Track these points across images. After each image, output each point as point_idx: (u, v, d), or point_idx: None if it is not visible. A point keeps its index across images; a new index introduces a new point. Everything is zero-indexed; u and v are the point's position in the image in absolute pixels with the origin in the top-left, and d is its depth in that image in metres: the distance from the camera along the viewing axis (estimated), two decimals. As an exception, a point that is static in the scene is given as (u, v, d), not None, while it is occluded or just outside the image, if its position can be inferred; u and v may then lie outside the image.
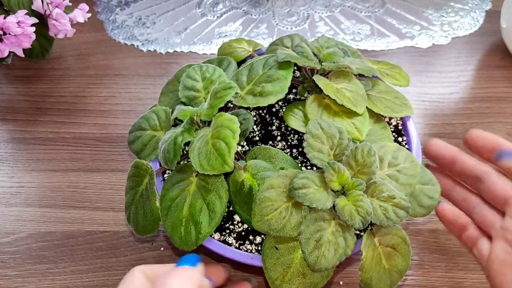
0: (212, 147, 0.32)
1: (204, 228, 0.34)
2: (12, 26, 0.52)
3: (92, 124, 0.56)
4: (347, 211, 0.32)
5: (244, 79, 0.39)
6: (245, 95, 0.38)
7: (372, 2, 0.70)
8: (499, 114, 0.55)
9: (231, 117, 0.33)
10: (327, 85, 0.37)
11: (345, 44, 0.45)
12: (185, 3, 0.72)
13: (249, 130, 0.38)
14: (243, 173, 0.35)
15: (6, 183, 0.51)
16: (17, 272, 0.45)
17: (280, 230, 0.33)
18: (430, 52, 0.63)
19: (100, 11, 0.71)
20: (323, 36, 0.43)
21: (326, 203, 0.33)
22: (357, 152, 0.34)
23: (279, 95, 0.37)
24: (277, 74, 0.38)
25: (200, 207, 0.34)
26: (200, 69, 0.41)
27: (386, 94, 0.41)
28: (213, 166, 0.32)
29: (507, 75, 0.59)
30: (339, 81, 0.39)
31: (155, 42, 0.66)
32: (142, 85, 0.60)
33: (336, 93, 0.37)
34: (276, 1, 0.71)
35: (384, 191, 0.33)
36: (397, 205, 0.33)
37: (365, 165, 0.34)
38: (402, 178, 0.35)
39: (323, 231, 0.33)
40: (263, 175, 0.35)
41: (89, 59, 0.64)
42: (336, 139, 0.35)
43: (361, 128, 0.37)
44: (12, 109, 0.58)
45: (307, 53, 0.40)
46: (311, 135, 0.35)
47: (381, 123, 0.40)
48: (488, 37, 0.64)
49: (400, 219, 0.32)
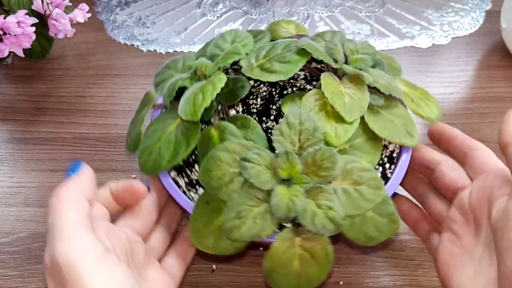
0: (193, 96, 0.36)
1: (164, 161, 0.37)
2: (12, 26, 0.52)
3: (92, 124, 0.56)
4: (279, 199, 0.32)
5: (263, 53, 0.40)
6: (255, 67, 0.39)
7: (372, 2, 0.70)
8: (499, 114, 0.55)
9: (221, 78, 0.36)
10: (328, 84, 0.37)
11: (387, 56, 0.43)
12: (185, 3, 0.72)
13: (240, 97, 0.39)
14: (214, 130, 0.37)
15: (6, 183, 0.51)
16: (17, 272, 0.45)
17: (216, 189, 0.34)
18: (430, 52, 0.63)
19: (100, 11, 0.71)
20: (365, 42, 0.41)
21: (265, 185, 0.33)
22: (318, 153, 0.33)
23: (281, 77, 0.37)
24: (290, 57, 0.38)
25: (168, 143, 0.37)
26: (235, 34, 0.43)
27: (397, 118, 0.39)
28: (186, 112, 0.35)
29: (507, 75, 0.59)
30: (348, 86, 0.38)
31: (155, 42, 0.66)
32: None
33: (334, 94, 0.37)
34: (276, 1, 0.71)
35: (325, 199, 0.33)
36: (330, 217, 0.32)
37: (321, 168, 0.33)
38: (356, 198, 0.34)
39: (250, 207, 0.33)
40: (228, 138, 0.36)
41: (89, 59, 0.64)
42: (307, 134, 0.35)
43: (341, 135, 0.36)
44: (12, 109, 0.58)
45: (335, 51, 0.39)
46: (286, 121, 0.35)
47: (375, 143, 0.38)
48: (488, 37, 0.64)
49: (326, 230, 0.32)
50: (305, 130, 0.35)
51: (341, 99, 0.37)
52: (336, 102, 0.36)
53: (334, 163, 0.33)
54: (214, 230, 0.35)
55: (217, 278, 0.43)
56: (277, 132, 0.35)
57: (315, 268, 0.33)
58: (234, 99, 0.39)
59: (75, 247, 0.28)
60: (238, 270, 0.44)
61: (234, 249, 0.35)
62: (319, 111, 0.37)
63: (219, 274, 0.44)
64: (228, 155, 0.35)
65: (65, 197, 0.31)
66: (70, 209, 0.30)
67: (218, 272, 0.44)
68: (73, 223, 0.29)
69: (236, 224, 0.33)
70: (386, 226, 0.34)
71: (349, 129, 0.36)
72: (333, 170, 0.33)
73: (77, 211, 0.30)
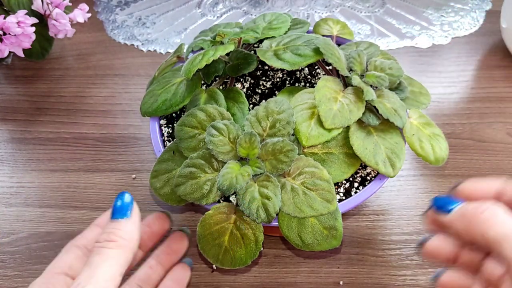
0: (195, 57, 0.38)
1: (157, 107, 0.40)
2: (12, 26, 0.52)
3: (92, 124, 0.56)
4: (226, 172, 0.34)
5: (285, 41, 0.41)
6: (270, 50, 0.40)
7: (372, 2, 0.70)
8: (499, 114, 0.55)
9: (226, 47, 0.37)
10: (324, 87, 0.37)
11: (414, 82, 0.42)
12: (185, 3, 0.72)
13: (243, 71, 0.41)
14: (204, 93, 0.40)
15: (6, 183, 0.51)
16: (17, 272, 0.45)
17: (180, 142, 0.37)
18: (430, 52, 0.63)
19: (100, 11, 0.71)
20: (394, 63, 0.39)
21: (221, 155, 0.35)
22: (279, 144, 0.34)
23: (286, 66, 0.38)
24: (304, 51, 0.39)
25: (167, 93, 0.41)
26: (276, 16, 0.45)
27: (385, 143, 0.36)
28: (183, 69, 0.38)
29: (507, 75, 0.59)
30: (348, 96, 0.37)
31: (155, 42, 0.66)
32: (142, 85, 0.60)
33: (325, 98, 0.36)
34: (276, 1, 0.71)
35: (268, 188, 0.34)
36: (265, 206, 0.33)
37: (277, 159, 0.34)
38: (301, 201, 0.34)
39: (199, 171, 0.35)
40: (211, 103, 0.39)
41: (89, 59, 0.64)
42: (280, 125, 0.35)
43: (312, 137, 0.35)
44: (12, 109, 0.58)
45: (355, 61, 0.38)
46: (265, 106, 0.36)
47: (352, 160, 0.37)
48: (488, 37, 0.64)
49: (257, 217, 0.33)
50: (279, 120, 0.36)
51: (329, 104, 0.36)
52: (322, 106, 0.36)
53: (291, 158, 0.34)
54: (168, 178, 0.38)
55: (217, 278, 0.43)
56: (253, 112, 0.36)
57: (242, 250, 0.35)
58: (237, 72, 0.41)
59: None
60: (238, 270, 0.44)
61: (176, 202, 0.37)
62: (305, 109, 0.37)
63: (219, 274, 0.44)
64: (204, 116, 0.37)
65: (116, 255, 0.28)
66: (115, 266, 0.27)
67: (218, 272, 0.44)
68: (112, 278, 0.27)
69: (183, 182, 0.35)
70: (325, 238, 0.35)
71: (323, 135, 0.36)
72: (288, 165, 0.34)
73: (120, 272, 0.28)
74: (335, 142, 0.37)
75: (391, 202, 0.48)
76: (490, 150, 0.52)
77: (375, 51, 0.42)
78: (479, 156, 0.51)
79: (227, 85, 0.43)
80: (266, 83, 0.44)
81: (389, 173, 0.36)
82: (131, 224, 0.29)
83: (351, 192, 0.38)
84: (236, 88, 0.41)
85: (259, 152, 0.35)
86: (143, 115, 0.41)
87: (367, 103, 0.37)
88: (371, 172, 0.38)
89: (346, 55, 0.39)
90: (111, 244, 0.28)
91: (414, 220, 0.47)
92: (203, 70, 0.41)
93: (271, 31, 0.43)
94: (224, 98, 0.39)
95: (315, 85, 0.37)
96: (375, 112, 0.37)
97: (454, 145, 0.52)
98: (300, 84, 0.44)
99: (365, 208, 0.48)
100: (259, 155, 0.35)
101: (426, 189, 0.49)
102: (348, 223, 0.46)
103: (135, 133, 0.55)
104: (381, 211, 0.47)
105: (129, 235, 0.29)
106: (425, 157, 0.37)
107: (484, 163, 0.51)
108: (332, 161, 0.37)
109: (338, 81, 0.38)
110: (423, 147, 0.38)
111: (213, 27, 0.48)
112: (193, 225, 0.47)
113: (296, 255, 0.44)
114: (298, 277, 0.43)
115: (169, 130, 0.42)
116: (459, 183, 0.29)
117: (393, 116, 0.36)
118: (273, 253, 0.45)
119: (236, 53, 0.42)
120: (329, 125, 0.35)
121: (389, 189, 0.49)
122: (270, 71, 0.45)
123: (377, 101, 0.36)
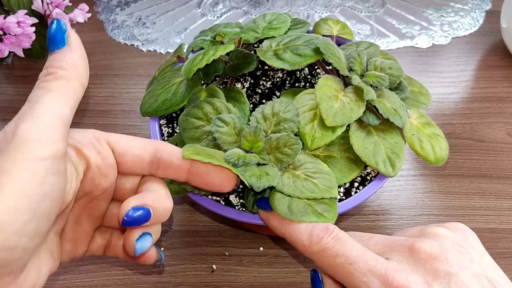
0: (195, 57, 0.38)
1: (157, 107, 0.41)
2: (12, 26, 0.52)
3: (92, 124, 0.56)
4: (233, 152, 0.33)
5: (285, 41, 0.41)
6: (270, 50, 0.40)
7: (372, 2, 0.70)
8: (499, 114, 0.55)
9: (226, 47, 0.37)
10: (325, 85, 0.37)
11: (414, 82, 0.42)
12: (185, 3, 0.72)
13: (242, 71, 0.41)
14: (204, 91, 0.40)
15: (6, 183, 0.51)
16: None
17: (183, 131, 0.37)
18: (430, 52, 0.63)
19: (100, 11, 0.71)
20: (394, 63, 0.39)
21: (226, 145, 0.35)
22: (283, 138, 0.34)
23: (286, 66, 0.38)
24: (304, 51, 0.39)
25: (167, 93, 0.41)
26: (277, 16, 0.45)
27: (385, 143, 0.36)
28: (183, 69, 0.38)
29: (507, 75, 0.59)
30: (348, 95, 0.37)
31: (155, 42, 0.66)
32: (142, 85, 0.60)
33: (326, 96, 0.36)
34: (276, 1, 0.71)
35: (269, 171, 0.34)
36: (264, 175, 0.34)
37: (281, 152, 0.34)
38: (302, 184, 0.34)
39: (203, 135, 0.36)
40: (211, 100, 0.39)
41: (89, 59, 0.63)
42: (284, 123, 0.35)
43: (317, 139, 0.36)
44: (12, 109, 0.58)
45: (355, 61, 0.38)
46: (272, 105, 0.36)
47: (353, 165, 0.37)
48: (488, 37, 0.64)
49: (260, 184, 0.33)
50: (285, 119, 0.36)
51: (330, 103, 0.36)
52: (323, 103, 0.36)
53: (295, 152, 0.34)
54: None
55: (217, 278, 0.43)
56: (259, 109, 0.36)
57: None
58: (237, 72, 0.41)
59: (42, 134, 0.24)
60: (238, 270, 0.44)
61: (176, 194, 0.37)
62: (308, 110, 0.37)
63: (219, 274, 0.44)
64: (211, 109, 0.37)
65: (56, 87, 0.25)
66: (58, 99, 0.25)
67: (218, 272, 0.44)
68: (55, 112, 0.25)
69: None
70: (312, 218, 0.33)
71: (327, 136, 0.36)
72: (292, 158, 0.34)
73: (66, 105, 0.25)
74: (338, 147, 0.37)
75: (391, 202, 0.48)
76: (490, 150, 0.52)
77: (375, 51, 0.42)
78: (479, 156, 0.51)
79: (227, 84, 0.43)
80: (266, 83, 0.44)
81: (389, 173, 0.36)
82: (70, 52, 0.26)
83: (351, 192, 0.38)
84: (237, 88, 0.41)
85: (263, 146, 0.35)
86: (143, 115, 0.41)
87: (367, 103, 0.37)
88: (371, 172, 0.38)
89: (346, 55, 0.39)
90: (49, 77, 0.25)
91: (414, 220, 0.47)
92: (203, 70, 0.41)
93: (271, 31, 0.43)
94: (225, 97, 0.39)
95: (315, 85, 0.37)
96: (375, 111, 0.37)
97: (454, 145, 0.52)
98: (300, 84, 0.44)
99: (365, 208, 0.48)
100: (263, 148, 0.35)
101: (426, 189, 0.49)
102: (348, 223, 0.46)
103: (135, 133, 0.55)
104: (381, 211, 0.47)
105: (69, 64, 0.26)
106: (425, 157, 0.37)
107: (484, 163, 0.51)
108: (333, 164, 0.37)
109: (338, 80, 0.38)
110: (423, 147, 0.38)
111: (213, 27, 0.48)
112: (193, 225, 0.47)
113: (296, 255, 0.44)
114: (298, 277, 0.43)
115: (169, 130, 0.42)
116: None
117: (393, 116, 0.36)
118: (273, 253, 0.45)
119: (236, 53, 0.42)
120: (330, 122, 0.35)
121: (389, 189, 0.49)
122: (270, 71, 0.45)
123: (377, 101, 0.36)
